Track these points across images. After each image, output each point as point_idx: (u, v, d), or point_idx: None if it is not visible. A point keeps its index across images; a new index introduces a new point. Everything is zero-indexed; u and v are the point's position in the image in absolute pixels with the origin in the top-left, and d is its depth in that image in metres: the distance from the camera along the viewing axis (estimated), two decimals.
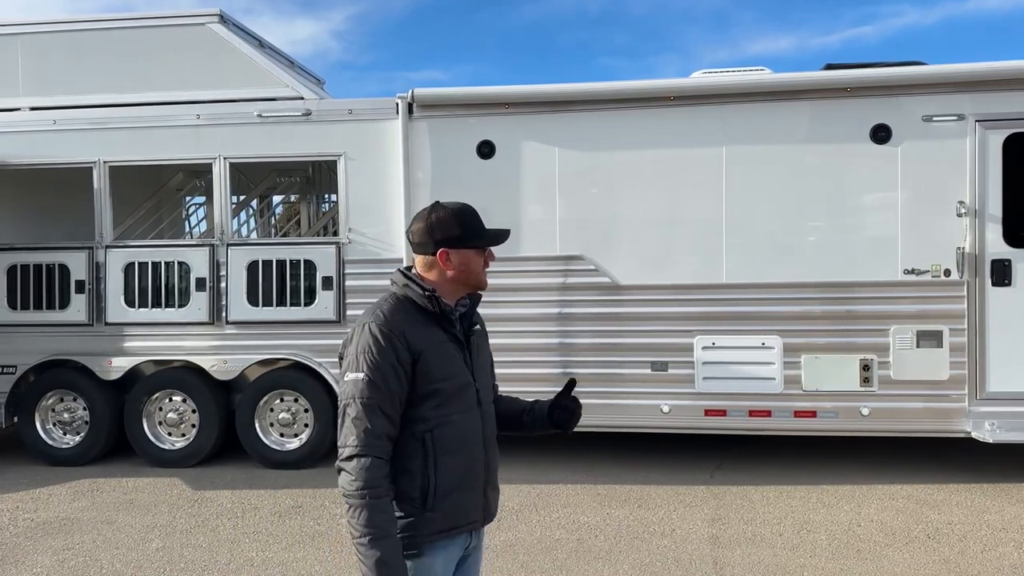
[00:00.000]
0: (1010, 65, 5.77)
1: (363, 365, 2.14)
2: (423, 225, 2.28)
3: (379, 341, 2.15)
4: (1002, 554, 4.59)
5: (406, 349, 2.17)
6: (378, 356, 2.15)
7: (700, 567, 4.50)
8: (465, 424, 2.27)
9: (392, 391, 2.15)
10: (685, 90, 6.18)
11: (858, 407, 5.96)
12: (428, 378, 2.20)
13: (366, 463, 2.10)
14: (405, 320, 2.21)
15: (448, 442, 2.22)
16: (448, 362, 2.25)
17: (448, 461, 2.21)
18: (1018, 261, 5.80)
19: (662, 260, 6.20)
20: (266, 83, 6.67)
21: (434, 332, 2.25)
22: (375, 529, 2.08)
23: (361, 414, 2.12)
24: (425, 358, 2.19)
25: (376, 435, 2.12)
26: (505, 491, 5.77)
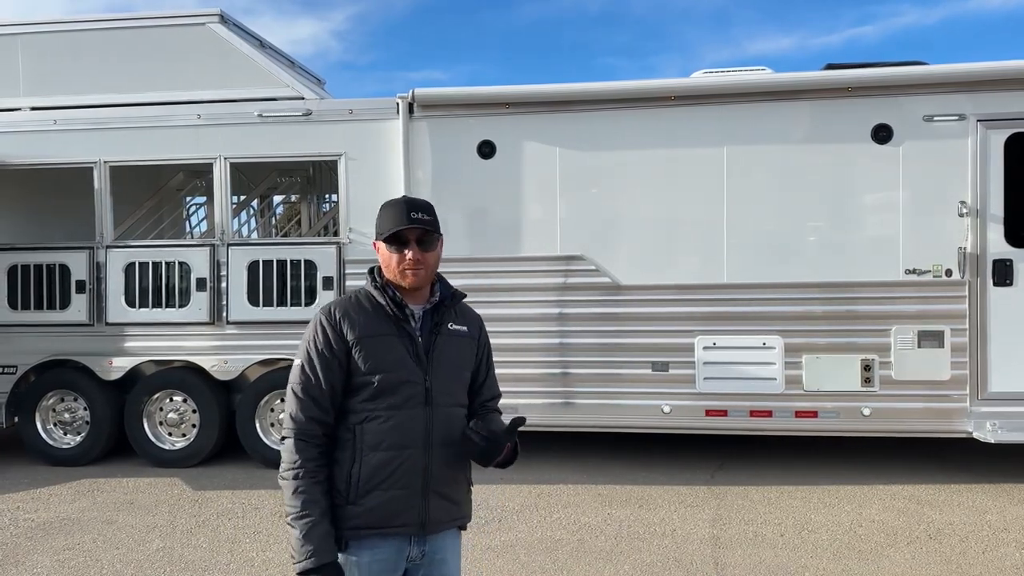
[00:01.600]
0: (1011, 65, 5.76)
1: (301, 352, 2.24)
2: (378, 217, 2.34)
3: (316, 329, 2.24)
4: (1003, 554, 4.59)
5: (341, 338, 2.21)
6: (312, 344, 2.22)
7: (701, 567, 4.49)
8: (402, 422, 2.20)
9: (320, 377, 2.19)
10: (686, 90, 6.17)
11: (859, 407, 5.95)
12: (360, 370, 2.21)
13: (290, 444, 2.18)
14: (351, 310, 2.26)
15: (378, 436, 2.19)
16: (385, 356, 2.22)
17: (375, 457, 2.18)
18: (1020, 261, 5.80)
19: (663, 260, 6.20)
20: (267, 83, 6.67)
21: (380, 324, 2.25)
22: (292, 508, 2.14)
23: (291, 398, 2.21)
24: (359, 348, 2.20)
25: (300, 419, 2.18)
26: (505, 491, 5.82)
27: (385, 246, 2.27)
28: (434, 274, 2.34)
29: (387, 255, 2.27)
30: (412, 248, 2.24)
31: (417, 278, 2.26)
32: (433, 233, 2.29)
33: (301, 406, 2.19)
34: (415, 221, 2.24)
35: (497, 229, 6.36)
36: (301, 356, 2.22)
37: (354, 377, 2.20)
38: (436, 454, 2.23)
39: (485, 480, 6.13)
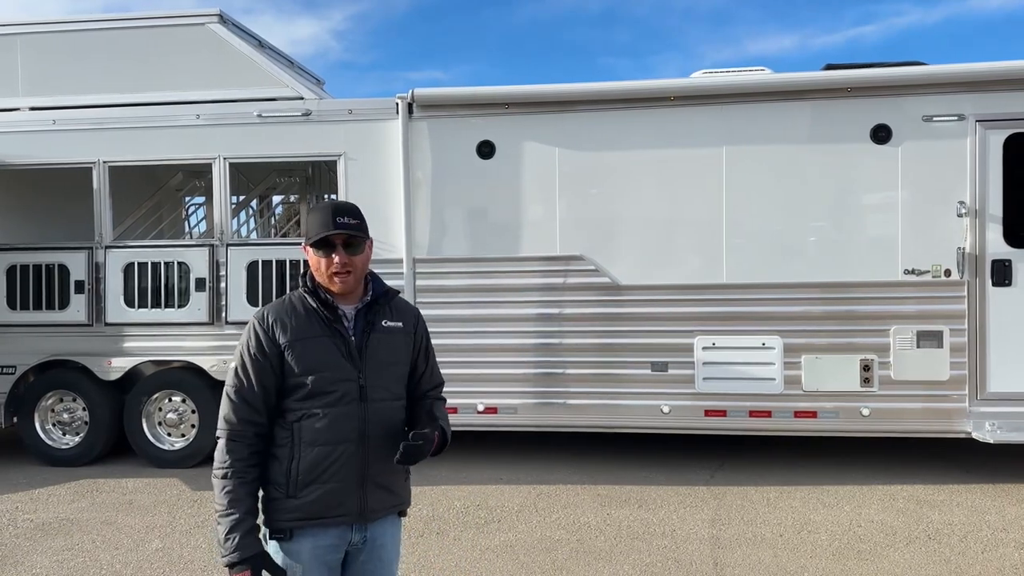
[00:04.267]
0: (1010, 65, 5.76)
1: (236, 355, 2.32)
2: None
3: (249, 334, 2.31)
4: (1003, 555, 4.59)
5: (273, 342, 2.29)
6: (246, 348, 2.30)
7: (701, 568, 4.49)
8: (336, 419, 2.29)
9: (252, 381, 2.27)
10: (685, 90, 6.17)
11: (858, 407, 5.95)
12: (294, 371, 2.29)
13: (222, 445, 2.27)
14: (284, 315, 2.33)
15: (315, 433, 2.28)
16: (319, 357, 2.30)
17: (313, 452, 2.28)
18: (1019, 261, 5.80)
19: (662, 260, 6.20)
20: (266, 83, 6.66)
21: (312, 327, 2.33)
22: (220, 506, 2.24)
23: (224, 400, 2.29)
24: (292, 351, 2.28)
25: (232, 420, 2.26)
26: (505, 491, 5.82)
27: (313, 251, 2.34)
28: (364, 276, 2.42)
29: (315, 259, 2.35)
30: (339, 252, 2.31)
31: (345, 284, 2.34)
32: (360, 237, 2.35)
33: (233, 408, 2.27)
34: (341, 226, 2.30)
35: (496, 229, 6.36)
36: (236, 360, 2.30)
37: (288, 378, 2.29)
38: (372, 447, 2.33)
39: (484, 481, 6.15)
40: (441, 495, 5.83)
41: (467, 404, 6.35)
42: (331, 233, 2.29)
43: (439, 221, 6.40)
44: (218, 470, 2.25)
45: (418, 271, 6.38)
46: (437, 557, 4.71)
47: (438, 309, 6.36)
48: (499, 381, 6.33)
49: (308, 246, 2.35)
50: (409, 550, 4.82)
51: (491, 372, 6.33)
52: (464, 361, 6.33)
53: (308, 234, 2.36)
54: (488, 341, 6.32)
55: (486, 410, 6.35)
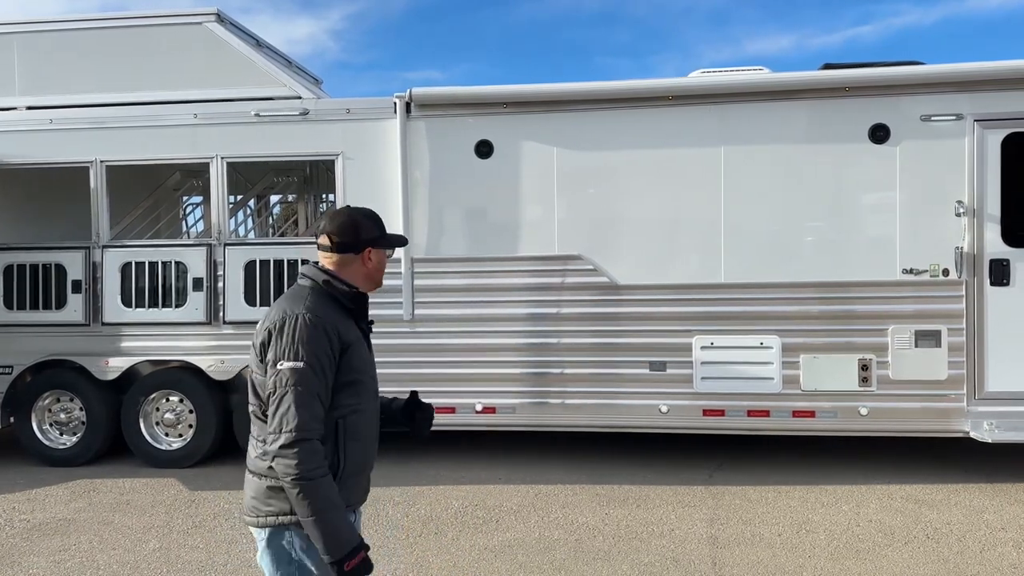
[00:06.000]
0: (1008, 65, 5.76)
1: (302, 354, 2.29)
2: (347, 224, 2.49)
3: (315, 331, 2.31)
4: (1001, 554, 4.59)
5: (338, 340, 2.35)
6: (315, 345, 2.30)
7: (699, 567, 4.49)
8: (370, 413, 2.49)
9: (327, 378, 2.32)
10: (683, 90, 6.17)
11: (857, 407, 5.95)
12: (351, 369, 2.39)
13: (314, 446, 2.26)
14: (332, 313, 2.40)
15: (357, 429, 2.41)
16: (365, 355, 2.49)
17: (354, 446, 2.40)
18: (1017, 261, 5.80)
19: (660, 260, 6.19)
20: (263, 82, 6.65)
21: (353, 327, 2.46)
22: (331, 502, 2.25)
23: (304, 400, 2.26)
24: (351, 350, 2.39)
25: (316, 419, 2.28)
26: (503, 491, 5.82)
27: (378, 251, 2.53)
28: None
29: (381, 259, 2.54)
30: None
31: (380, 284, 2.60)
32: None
33: (316, 408, 2.28)
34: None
35: (495, 229, 6.35)
36: (305, 358, 2.28)
37: (341, 375, 2.37)
38: (377, 438, 2.57)
39: (482, 481, 6.14)
40: (439, 495, 5.82)
41: (465, 404, 6.35)
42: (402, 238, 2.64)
43: (437, 221, 6.39)
44: (317, 469, 2.23)
45: (416, 271, 6.37)
46: (435, 557, 4.70)
47: (436, 309, 6.37)
48: (497, 381, 6.32)
49: (376, 247, 2.51)
50: (407, 550, 4.82)
51: (489, 372, 6.32)
52: (462, 361, 6.33)
53: (375, 235, 2.50)
54: (486, 341, 6.31)
55: (484, 410, 6.34)
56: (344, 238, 2.47)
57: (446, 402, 6.37)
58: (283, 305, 2.39)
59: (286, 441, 2.23)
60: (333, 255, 2.48)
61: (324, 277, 2.45)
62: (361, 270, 2.50)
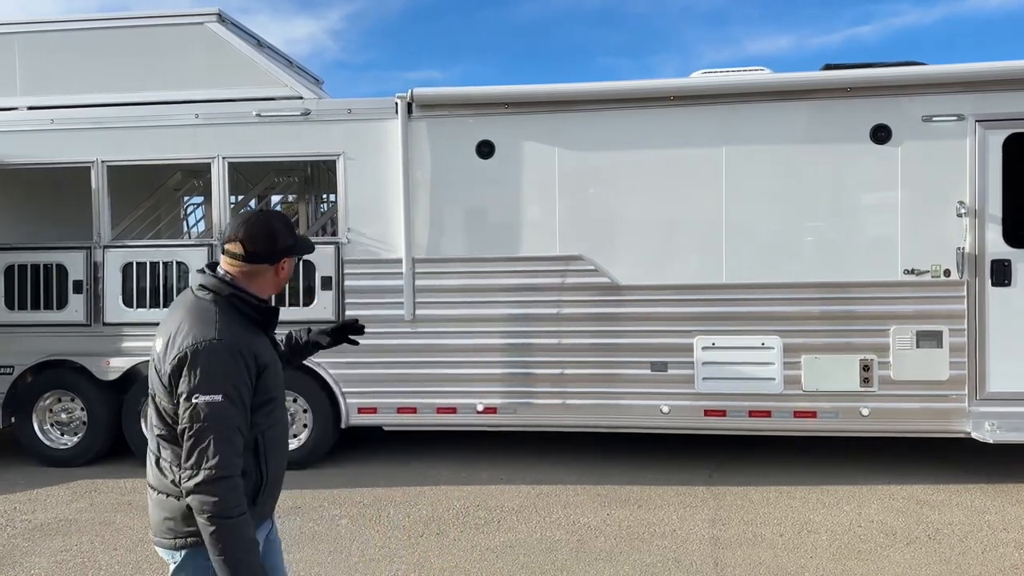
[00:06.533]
0: (1010, 65, 5.76)
1: (219, 387, 2.13)
2: (263, 231, 2.31)
3: (233, 360, 2.17)
4: (1003, 554, 4.59)
5: (255, 365, 2.23)
6: (233, 376, 2.16)
7: (701, 568, 4.49)
8: (284, 423, 2.44)
9: (247, 407, 2.20)
10: (685, 90, 6.17)
11: (858, 407, 5.95)
12: (267, 388, 2.28)
13: (234, 483, 2.14)
14: (244, 333, 2.25)
15: (276, 441, 2.35)
16: (278, 369, 2.38)
17: (274, 459, 2.34)
18: (1018, 261, 5.80)
19: (662, 260, 6.19)
20: (265, 83, 6.65)
21: (266, 340, 2.35)
22: (247, 541, 2.14)
23: (224, 436, 2.13)
24: (267, 370, 2.28)
25: (238, 454, 2.16)
26: (504, 491, 5.82)
27: (292, 260, 2.40)
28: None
29: (291, 269, 2.40)
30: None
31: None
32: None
33: (237, 443, 2.16)
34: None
35: (496, 229, 6.35)
36: (223, 391, 2.13)
37: (259, 396, 2.25)
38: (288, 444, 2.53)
39: (483, 481, 6.14)
40: (440, 495, 5.82)
41: (467, 404, 6.35)
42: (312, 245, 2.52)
43: (438, 221, 6.39)
44: (234, 510, 2.12)
45: (417, 271, 6.37)
46: (437, 557, 4.69)
47: (438, 309, 6.36)
48: (499, 381, 6.32)
49: (291, 256, 2.38)
50: (408, 550, 4.82)
51: (491, 372, 6.32)
52: (464, 361, 6.34)
53: (290, 244, 2.35)
54: (488, 341, 6.31)
55: (486, 410, 6.34)
56: (259, 247, 2.29)
57: (447, 402, 6.37)
58: (191, 328, 2.19)
59: (206, 479, 2.10)
60: (244, 265, 2.29)
61: (229, 290, 2.26)
62: (272, 280, 2.36)
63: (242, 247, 2.29)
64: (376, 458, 6.84)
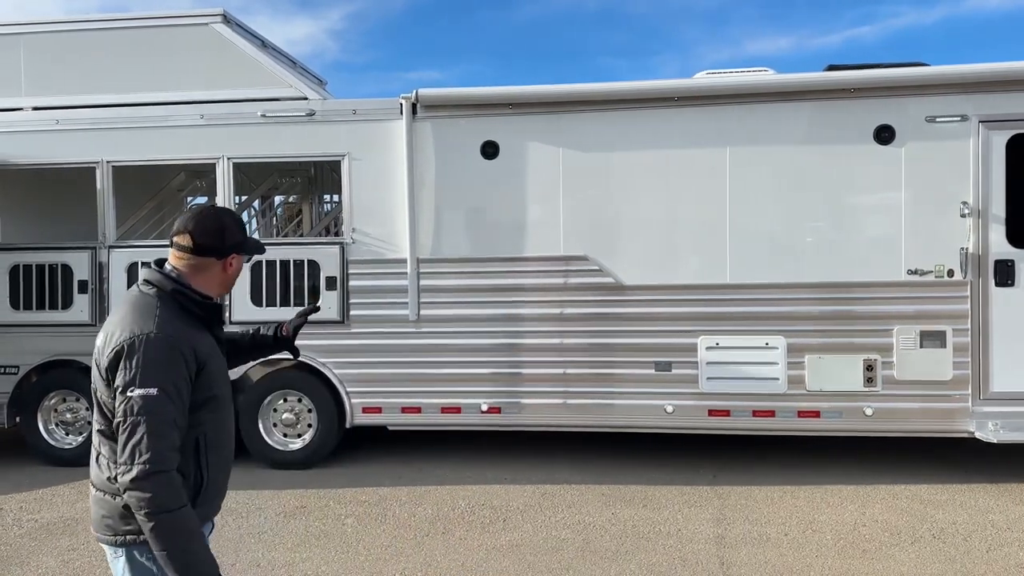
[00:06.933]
0: (1013, 66, 5.78)
1: (155, 379, 2.11)
2: (213, 225, 2.32)
3: (171, 353, 2.15)
4: (1007, 554, 4.60)
5: (194, 361, 2.20)
6: (171, 369, 2.14)
7: (707, 567, 4.50)
8: (228, 420, 2.39)
9: (184, 403, 2.16)
10: (689, 91, 6.18)
11: (862, 407, 5.96)
12: (208, 385, 2.24)
13: (170, 477, 2.10)
14: (186, 328, 2.23)
15: (218, 442, 2.31)
16: (221, 367, 2.35)
17: (216, 460, 2.30)
18: (1021, 261, 5.81)
19: (666, 260, 6.20)
20: (270, 83, 6.66)
21: (208, 337, 2.32)
22: (189, 532, 2.12)
23: (159, 430, 2.09)
24: (208, 367, 2.24)
25: (173, 449, 2.12)
26: (509, 491, 5.83)
27: (240, 258, 2.39)
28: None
29: (241, 267, 2.40)
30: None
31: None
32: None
33: (173, 438, 2.13)
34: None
35: (500, 229, 6.36)
36: (159, 384, 2.10)
37: (199, 393, 2.22)
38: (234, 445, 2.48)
39: (489, 480, 6.15)
40: (445, 495, 5.83)
41: (471, 404, 6.36)
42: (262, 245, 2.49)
43: (443, 221, 6.41)
44: (171, 503, 2.08)
45: (422, 271, 6.39)
46: (443, 557, 4.71)
47: (442, 309, 6.38)
48: (503, 381, 6.33)
49: (240, 253, 2.38)
50: (415, 549, 4.83)
51: (495, 372, 6.34)
52: (468, 361, 6.35)
53: (238, 240, 2.36)
54: (492, 341, 6.33)
55: (490, 410, 6.35)
56: (208, 240, 2.29)
57: (452, 402, 6.39)
58: (129, 321, 2.17)
59: (140, 474, 2.06)
60: (192, 257, 2.29)
61: (173, 285, 2.25)
62: (219, 276, 2.35)
63: (191, 239, 2.29)
64: (380, 458, 6.85)
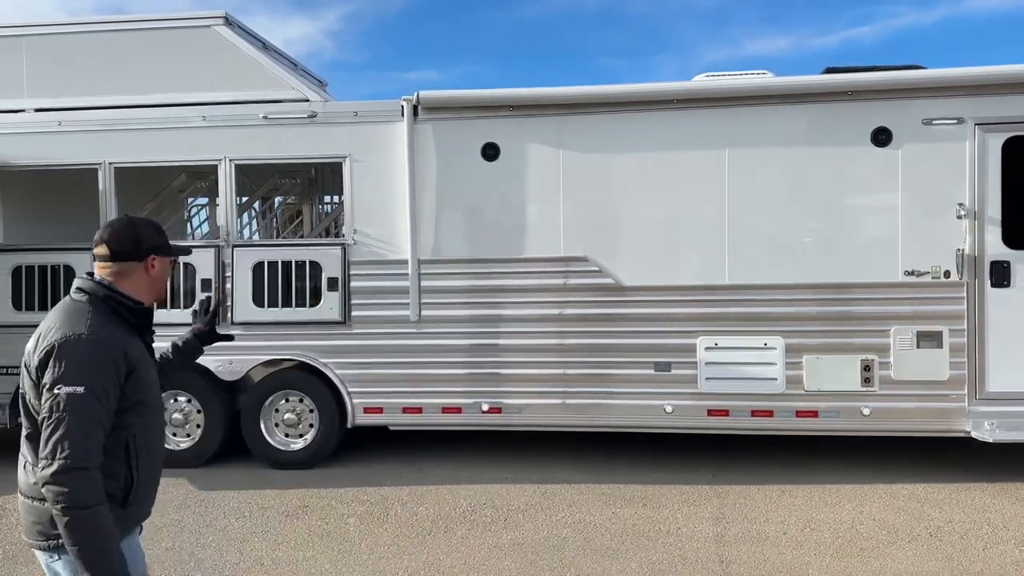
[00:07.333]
0: (1009, 69, 5.84)
1: (83, 378, 2.16)
2: (126, 231, 2.40)
3: (100, 354, 2.20)
4: (1003, 552, 4.66)
5: (124, 364, 2.25)
6: (99, 370, 2.19)
7: (707, 565, 4.55)
8: (158, 426, 2.46)
9: (110, 404, 2.21)
10: (688, 93, 6.23)
11: (859, 407, 6.02)
12: (137, 389, 2.31)
13: (90, 475, 2.14)
14: (117, 333, 2.29)
15: (147, 446, 2.37)
16: (151, 372, 2.41)
17: (146, 463, 2.35)
18: (1017, 263, 5.87)
19: (665, 262, 6.25)
20: (271, 85, 6.70)
21: (139, 343, 2.38)
22: (104, 531, 2.15)
23: (82, 427, 2.14)
24: (138, 371, 2.30)
25: (95, 447, 2.16)
26: (510, 490, 5.88)
27: (167, 261, 2.48)
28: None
29: (165, 270, 2.49)
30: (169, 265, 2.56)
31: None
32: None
33: (97, 436, 2.17)
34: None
35: (501, 230, 6.41)
36: (86, 383, 2.15)
37: (129, 396, 2.28)
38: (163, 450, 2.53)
39: (489, 480, 6.20)
40: (446, 494, 5.88)
41: (471, 404, 6.41)
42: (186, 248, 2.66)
43: (444, 222, 6.45)
44: (88, 500, 2.12)
45: (423, 272, 6.43)
46: (446, 555, 4.75)
47: (443, 310, 6.42)
48: (503, 381, 6.38)
49: (159, 255, 2.45)
50: (418, 547, 4.88)
51: (495, 372, 6.38)
52: (469, 361, 6.40)
53: (155, 242, 2.44)
54: (492, 341, 6.38)
55: (490, 410, 6.40)
56: (124, 246, 2.37)
57: (452, 402, 6.43)
58: (60, 324, 2.24)
59: (60, 468, 2.10)
60: (113, 265, 2.36)
61: (105, 292, 2.32)
62: (144, 280, 2.42)
63: (107, 248, 2.37)
64: (381, 458, 6.89)
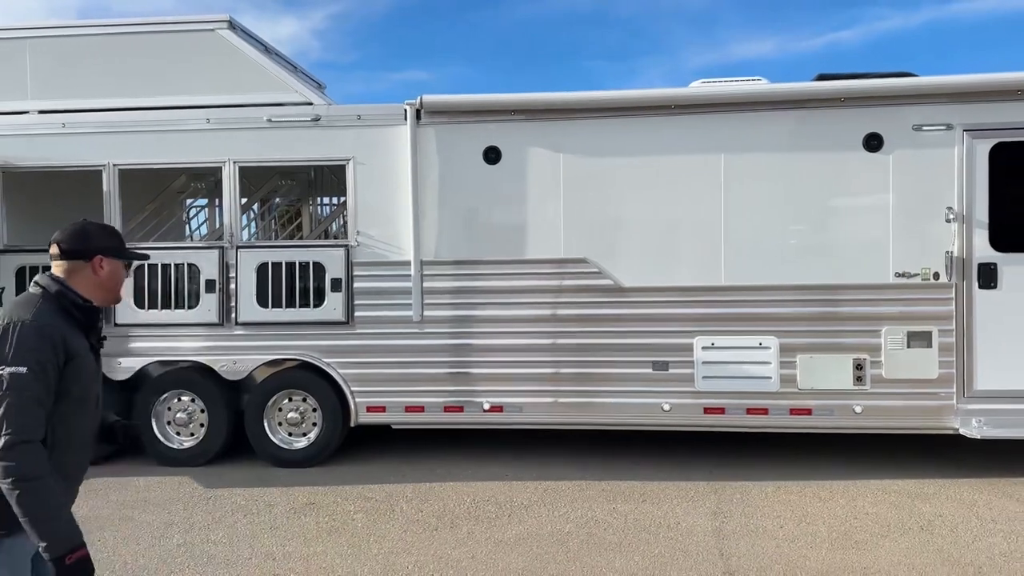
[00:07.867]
0: (996, 77, 6.03)
1: (24, 359, 2.30)
2: (76, 231, 2.53)
3: (40, 338, 2.34)
4: (992, 544, 4.83)
5: (63, 351, 2.38)
6: (39, 352, 2.32)
7: (708, 557, 4.69)
8: (84, 425, 2.50)
9: (50, 385, 2.34)
10: (685, 99, 6.38)
11: (851, 405, 6.18)
12: (73, 380, 2.41)
13: (35, 447, 2.29)
14: (62, 323, 2.42)
15: (67, 439, 2.42)
16: (88, 369, 2.49)
17: (62, 457, 2.40)
18: (1003, 265, 6.06)
19: (663, 263, 6.40)
20: (275, 88, 6.79)
21: (83, 339, 2.48)
22: (54, 500, 2.28)
23: (25, 404, 2.28)
24: (75, 363, 2.41)
25: (38, 422, 2.31)
26: (512, 487, 6.01)
27: (118, 264, 2.59)
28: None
29: (119, 273, 2.59)
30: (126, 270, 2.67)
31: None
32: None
33: (37, 414, 2.31)
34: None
35: (502, 232, 6.53)
36: (27, 364, 2.29)
37: (61, 385, 2.38)
38: (89, 451, 2.59)
39: (492, 477, 6.32)
40: (450, 491, 5.99)
41: (473, 403, 6.52)
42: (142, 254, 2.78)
43: (446, 224, 6.56)
44: (36, 471, 2.26)
45: (425, 273, 6.54)
46: (453, 550, 4.87)
47: (445, 310, 6.54)
48: (505, 380, 6.50)
49: (113, 259, 2.56)
50: (425, 543, 4.99)
51: (497, 371, 6.50)
52: (471, 361, 6.52)
53: (112, 245, 2.57)
54: (494, 341, 6.49)
55: (492, 408, 6.52)
56: (72, 245, 2.51)
57: (454, 401, 6.55)
58: (10, 311, 2.39)
59: (6, 444, 2.24)
60: (62, 263, 2.50)
61: (57, 287, 2.46)
62: (92, 279, 2.52)
63: (58, 247, 2.53)
64: (383, 456, 7.00)
